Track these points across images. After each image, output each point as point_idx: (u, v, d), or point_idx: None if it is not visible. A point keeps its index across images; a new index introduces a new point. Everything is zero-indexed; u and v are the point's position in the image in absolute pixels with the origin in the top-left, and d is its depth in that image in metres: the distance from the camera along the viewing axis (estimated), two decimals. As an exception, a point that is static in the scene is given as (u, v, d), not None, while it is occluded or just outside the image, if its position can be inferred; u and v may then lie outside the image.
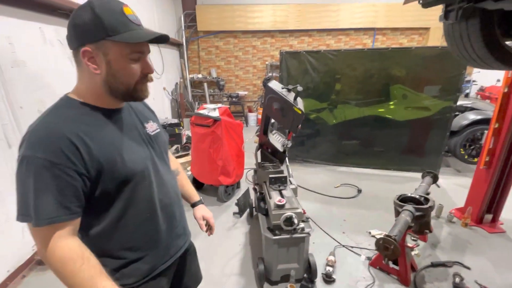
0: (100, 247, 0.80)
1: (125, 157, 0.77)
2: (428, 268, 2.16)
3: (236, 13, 6.80)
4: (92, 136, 0.72)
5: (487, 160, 2.56)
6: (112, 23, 0.68)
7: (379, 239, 1.68)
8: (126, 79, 0.75)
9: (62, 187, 0.68)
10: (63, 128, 0.69)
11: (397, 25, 6.83)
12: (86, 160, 0.70)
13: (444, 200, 3.15)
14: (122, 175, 0.76)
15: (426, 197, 2.05)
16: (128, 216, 0.81)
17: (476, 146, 3.97)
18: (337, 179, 3.86)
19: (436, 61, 3.52)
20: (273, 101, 2.01)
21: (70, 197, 0.69)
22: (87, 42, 0.69)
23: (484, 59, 1.30)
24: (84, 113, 0.75)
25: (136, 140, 0.84)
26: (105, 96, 0.77)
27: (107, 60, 0.71)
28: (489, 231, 2.64)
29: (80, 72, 0.76)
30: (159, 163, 0.90)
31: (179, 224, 1.00)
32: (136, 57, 0.74)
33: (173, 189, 0.97)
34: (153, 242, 0.89)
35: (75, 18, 0.69)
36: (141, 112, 0.93)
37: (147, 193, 0.84)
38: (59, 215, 0.68)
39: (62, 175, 0.67)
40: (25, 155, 0.66)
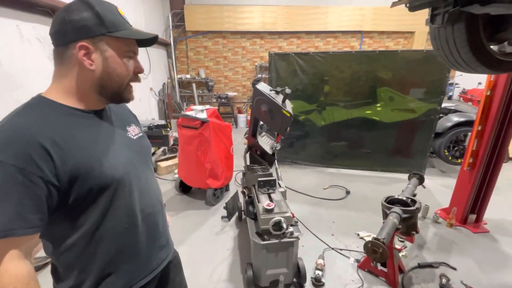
0: (72, 260, 0.74)
1: (104, 163, 0.71)
2: (415, 269, 2.18)
3: (225, 14, 6.75)
4: (67, 139, 0.66)
5: (470, 161, 2.62)
6: (112, 20, 0.69)
7: (368, 243, 1.67)
8: (120, 77, 0.74)
9: (24, 195, 0.61)
10: (33, 130, 0.62)
11: (384, 28, 6.97)
12: (58, 166, 0.64)
13: (430, 200, 3.21)
14: (99, 182, 0.70)
15: (413, 199, 2.07)
16: (104, 227, 0.75)
17: (459, 147, 4.08)
18: (326, 181, 3.87)
19: (421, 64, 3.59)
20: (261, 103, 1.98)
21: (31, 208, 0.62)
22: (84, 37, 0.67)
23: (469, 63, 1.31)
24: (60, 114, 0.69)
25: (117, 144, 0.78)
26: (91, 96, 0.74)
27: (104, 56, 0.69)
28: (474, 231, 2.70)
29: (63, 70, 0.70)
30: (141, 170, 0.85)
31: (162, 235, 0.94)
32: (131, 55, 0.75)
33: (156, 197, 0.91)
34: (131, 255, 0.82)
35: (71, 13, 0.66)
36: (122, 116, 0.89)
37: (127, 202, 0.78)
38: (15, 228, 0.60)
39: (26, 182, 0.60)
40: None
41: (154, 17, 6.08)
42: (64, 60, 0.69)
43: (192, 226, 2.75)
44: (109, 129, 0.79)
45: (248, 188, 2.45)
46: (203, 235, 2.64)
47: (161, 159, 4.34)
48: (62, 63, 0.70)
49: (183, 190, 3.46)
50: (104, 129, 0.77)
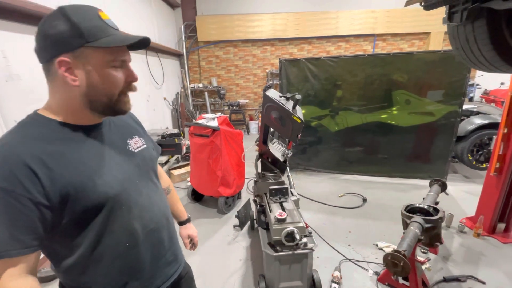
0: (74, 277, 0.73)
1: (97, 181, 0.68)
2: (440, 283, 2.03)
3: (235, 23, 6.84)
4: (57, 158, 0.64)
5: (497, 166, 2.45)
6: (89, 29, 0.62)
7: (387, 255, 1.57)
8: (108, 89, 0.68)
9: (15, 217, 0.59)
10: (20, 150, 0.61)
11: (397, 30, 6.81)
12: (46, 186, 0.61)
13: (454, 208, 3.03)
14: (92, 201, 0.68)
15: (435, 207, 1.94)
16: (103, 247, 0.72)
17: (484, 151, 3.85)
18: (341, 188, 3.75)
19: (438, 66, 3.45)
20: (271, 110, 1.95)
21: (23, 229, 0.61)
22: (63, 51, 0.62)
23: (492, 62, 1.22)
24: (52, 131, 0.67)
25: (113, 160, 0.75)
26: (82, 111, 0.70)
27: (87, 70, 0.64)
28: (503, 241, 2.51)
29: (52, 87, 0.68)
30: (142, 184, 0.81)
31: (169, 250, 0.90)
32: (118, 64, 0.68)
33: (161, 211, 0.86)
34: (134, 274, 0.79)
35: (47, 28, 0.62)
36: (124, 127, 0.84)
37: (125, 220, 0.74)
38: (9, 249, 0.59)
39: (15, 203, 0.59)
40: None
41: (168, 29, 6.26)
42: (49, 77, 0.66)
43: (204, 235, 2.72)
44: (104, 144, 0.75)
45: (259, 197, 2.40)
46: (215, 244, 2.60)
47: (174, 167, 4.38)
48: (48, 80, 0.67)
49: (196, 198, 3.45)
50: (99, 145, 0.73)
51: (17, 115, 2.19)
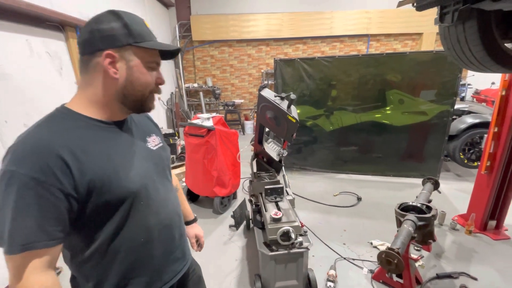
0: (89, 270, 0.75)
1: (121, 175, 0.71)
2: (433, 280, 2.06)
3: (230, 23, 6.83)
4: (86, 150, 0.66)
5: (488, 165, 2.50)
6: (138, 31, 0.70)
7: (382, 253, 1.59)
8: (143, 86, 0.74)
9: (45, 208, 0.61)
10: (53, 142, 0.63)
11: (390, 31, 6.88)
12: (76, 177, 0.64)
13: (446, 206, 3.07)
14: (116, 194, 0.70)
15: (428, 205, 1.97)
16: (120, 241, 0.74)
17: (475, 150, 3.92)
18: (336, 187, 3.78)
19: (431, 66, 3.49)
20: (266, 109, 1.95)
21: (52, 220, 0.62)
22: (111, 46, 0.67)
23: (483, 62, 1.25)
24: (80, 125, 0.70)
25: (136, 156, 0.78)
26: (113, 105, 0.74)
27: (128, 66, 0.70)
28: (494, 238, 2.56)
29: (89, 79, 0.71)
30: (159, 181, 0.83)
31: (178, 247, 0.91)
32: (154, 66, 0.75)
33: (174, 209, 0.89)
34: (145, 268, 0.81)
35: (100, 23, 0.68)
36: (144, 126, 0.88)
37: (143, 215, 0.77)
38: (37, 240, 0.60)
39: (46, 194, 0.60)
40: (7, 170, 0.60)
41: (162, 28, 6.22)
42: (89, 69, 0.70)
43: (200, 236, 2.71)
44: (128, 141, 0.78)
45: (255, 196, 2.40)
46: (211, 245, 2.60)
47: (169, 167, 4.35)
48: (87, 72, 0.70)
49: (191, 199, 3.44)
50: (123, 141, 0.77)
51: (8, 115, 2.15)
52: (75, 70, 3.00)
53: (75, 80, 3.01)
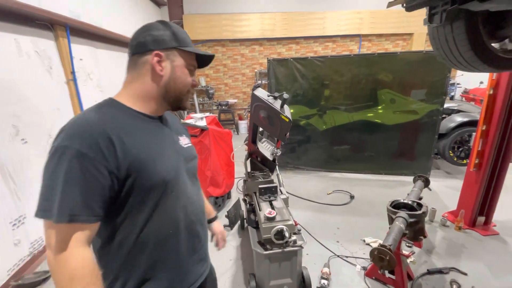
0: (116, 260, 0.76)
1: (157, 163, 0.76)
2: (424, 276, 2.10)
3: (223, 22, 6.81)
4: (129, 135, 0.72)
5: (476, 162, 2.56)
6: (183, 38, 0.82)
7: (374, 250, 1.62)
8: (183, 84, 0.84)
9: (90, 183, 0.65)
10: (102, 123, 0.69)
11: (382, 31, 6.98)
12: (120, 157, 0.69)
13: (437, 203, 3.14)
14: (150, 180, 0.74)
15: (419, 203, 2.01)
16: (150, 229, 0.77)
17: (464, 148, 4.01)
18: (329, 186, 3.81)
19: (421, 65, 3.56)
20: (259, 109, 1.95)
21: (95, 196, 0.66)
22: (160, 48, 0.78)
23: (470, 62, 1.28)
24: (126, 115, 0.77)
25: (170, 149, 0.85)
26: (155, 100, 0.82)
27: (172, 65, 0.81)
28: (483, 233, 2.62)
29: (137, 75, 0.80)
30: (188, 177, 0.88)
31: (202, 247, 0.93)
32: (192, 69, 0.86)
33: (200, 207, 0.93)
34: (171, 263, 0.83)
35: (153, 29, 0.79)
36: (175, 126, 0.96)
37: (172, 206, 0.81)
38: (81, 214, 0.64)
39: (93, 170, 0.65)
40: (60, 145, 0.65)
41: (153, 27, 6.15)
42: (138, 66, 0.79)
43: (194, 236, 2.70)
44: (165, 135, 0.85)
45: (249, 196, 2.40)
46: (205, 245, 2.58)
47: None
48: (135, 69, 0.80)
49: (185, 199, 3.41)
50: (160, 134, 0.84)
51: (-5, 116, 2.10)
52: (64, 70, 2.95)
53: (65, 80, 2.95)
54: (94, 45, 3.61)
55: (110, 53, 4.04)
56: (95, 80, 3.52)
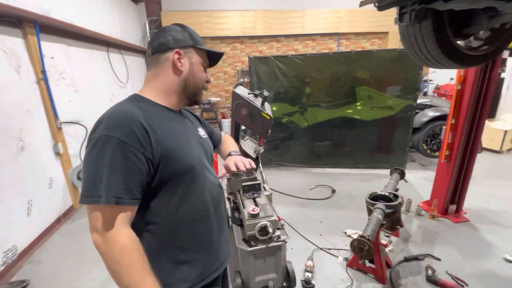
0: (155, 245, 0.81)
1: (185, 150, 0.84)
2: (402, 263, 2.21)
3: (203, 19, 6.72)
4: (159, 126, 0.79)
5: (447, 154, 2.71)
6: (197, 38, 0.92)
7: (354, 241, 1.68)
8: (199, 80, 0.93)
9: (131, 169, 0.71)
10: (136, 114, 0.75)
11: (359, 30, 7.18)
12: (154, 146, 0.75)
13: (412, 194, 3.30)
14: (180, 167, 0.81)
15: (395, 194, 2.11)
16: (183, 212, 0.83)
17: (436, 141, 4.23)
18: (312, 181, 3.89)
19: (395, 63, 3.71)
20: (241, 107, 1.96)
21: (135, 181, 0.72)
22: (179, 46, 0.87)
23: (438, 59, 1.35)
24: (152, 107, 0.84)
25: (193, 139, 0.93)
26: (175, 94, 0.90)
27: (191, 62, 0.90)
28: (455, 221, 2.79)
29: (158, 72, 0.87)
30: (208, 164, 0.96)
31: (227, 228, 1.02)
32: (205, 66, 0.95)
33: (221, 191, 1.02)
34: (205, 244, 0.90)
35: (172, 31, 0.88)
36: (193, 120, 1.05)
37: (201, 190, 0.88)
38: (124, 197, 0.70)
39: (132, 157, 0.71)
40: (101, 135, 0.70)
41: (130, 24, 5.96)
42: (159, 63, 0.87)
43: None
44: (186, 126, 0.94)
45: (233, 194, 2.40)
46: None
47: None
48: (157, 66, 0.87)
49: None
50: (184, 125, 0.93)
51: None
52: (34, 69, 2.79)
53: (35, 79, 2.80)
54: (66, 43, 3.45)
55: (84, 51, 3.87)
56: (68, 79, 3.36)
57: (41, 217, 2.75)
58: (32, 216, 2.62)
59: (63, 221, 3.05)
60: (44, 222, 2.80)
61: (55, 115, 2.98)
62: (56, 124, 2.99)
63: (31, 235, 2.60)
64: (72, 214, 3.20)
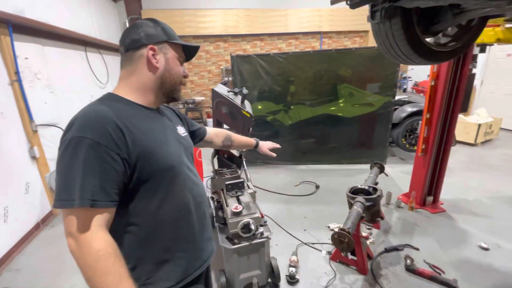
0: (136, 246, 0.80)
1: (163, 149, 0.83)
2: (382, 254, 2.28)
3: (185, 18, 6.64)
4: (135, 125, 0.77)
5: (423, 147, 2.82)
6: (171, 33, 0.89)
7: (334, 234, 1.72)
8: (176, 76, 0.90)
9: (106, 170, 0.69)
10: (111, 114, 0.73)
11: (341, 28, 7.31)
12: (130, 146, 0.74)
13: (392, 187, 3.41)
14: (160, 165, 0.80)
15: (374, 187, 2.17)
16: (164, 212, 0.82)
17: (414, 135, 4.39)
18: (297, 178, 3.94)
19: (375, 60, 3.81)
20: (221, 105, 1.96)
21: (111, 183, 0.70)
22: (153, 41, 0.84)
23: (408, 56, 1.40)
24: (127, 106, 0.83)
25: (172, 137, 0.91)
26: (152, 92, 0.88)
27: (166, 57, 0.87)
28: (432, 211, 2.91)
29: (133, 69, 0.85)
30: (189, 162, 0.96)
31: (208, 226, 1.01)
32: (181, 61, 0.93)
33: (203, 189, 1.00)
34: (187, 243, 0.90)
35: (144, 26, 0.85)
36: (172, 118, 1.02)
37: (181, 189, 0.87)
38: (100, 200, 0.68)
39: (107, 158, 0.69)
40: (74, 136, 0.68)
41: (109, 23, 5.79)
42: (133, 61, 0.84)
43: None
44: (165, 124, 0.92)
45: (217, 193, 2.40)
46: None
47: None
48: (131, 63, 0.85)
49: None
50: (162, 124, 0.90)
51: None
52: (7, 70, 2.67)
53: (8, 81, 2.68)
54: (42, 43, 3.31)
55: (60, 50, 3.73)
56: (43, 80, 3.24)
57: (19, 223, 2.65)
58: (9, 223, 2.51)
59: (42, 227, 2.94)
60: (22, 229, 2.69)
61: (30, 117, 2.86)
62: (32, 126, 2.87)
63: (8, 243, 2.50)
64: (51, 220, 3.09)
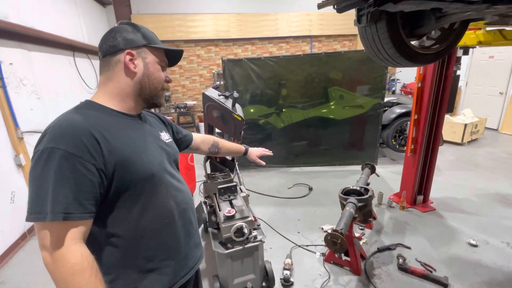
0: (119, 256, 0.78)
1: (143, 157, 0.80)
2: (375, 254, 2.30)
3: (176, 23, 6.62)
4: (111, 134, 0.75)
5: (412, 148, 2.88)
6: (151, 37, 0.87)
7: (327, 235, 1.73)
8: (156, 80, 0.87)
9: (80, 182, 0.67)
10: (85, 123, 0.71)
11: (330, 32, 7.42)
12: (106, 155, 0.71)
13: (384, 188, 3.45)
14: (139, 174, 0.78)
15: (366, 188, 2.20)
16: (146, 221, 0.81)
17: (404, 136, 4.47)
18: (290, 180, 3.95)
19: (364, 63, 3.88)
20: (212, 109, 1.96)
21: (86, 194, 0.68)
22: (131, 46, 0.82)
23: (394, 58, 1.44)
24: (105, 114, 0.80)
25: (153, 144, 0.89)
26: (131, 98, 0.85)
27: (145, 62, 0.84)
28: (422, 210, 2.96)
29: (110, 75, 0.83)
30: (172, 169, 0.93)
31: (195, 233, 0.99)
32: (163, 65, 0.90)
33: (188, 195, 0.98)
34: (172, 251, 0.88)
35: (122, 31, 0.83)
36: (155, 124, 1.00)
37: (164, 197, 0.85)
38: (74, 212, 0.66)
39: (81, 169, 0.67)
40: (46, 148, 0.66)
41: (98, 28, 5.73)
42: (110, 66, 0.82)
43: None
44: (145, 131, 0.89)
45: (209, 198, 2.38)
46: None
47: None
48: (109, 69, 0.83)
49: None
50: (142, 130, 0.87)
51: None
52: (-10, 76, 2.60)
53: (-9, 87, 2.61)
54: (27, 48, 3.25)
55: (47, 55, 3.66)
56: (29, 86, 3.17)
57: (4, 234, 2.56)
58: (-8, 234, 2.43)
59: (29, 237, 2.85)
60: (8, 240, 2.61)
61: (15, 124, 2.79)
62: (17, 134, 2.80)
63: (-8, 255, 2.41)
64: (38, 229, 3.00)
